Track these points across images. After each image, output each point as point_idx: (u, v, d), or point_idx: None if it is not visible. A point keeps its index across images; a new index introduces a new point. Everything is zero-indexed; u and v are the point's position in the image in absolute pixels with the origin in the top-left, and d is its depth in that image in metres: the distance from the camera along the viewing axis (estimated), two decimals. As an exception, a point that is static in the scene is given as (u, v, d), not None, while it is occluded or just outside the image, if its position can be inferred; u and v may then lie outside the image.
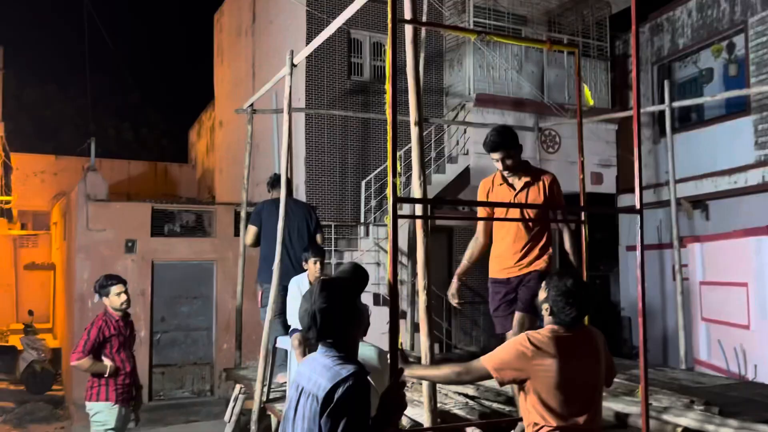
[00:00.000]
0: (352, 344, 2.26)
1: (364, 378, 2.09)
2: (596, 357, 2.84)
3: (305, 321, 2.17)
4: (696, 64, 12.20)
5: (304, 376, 2.20)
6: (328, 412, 2.02)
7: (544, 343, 2.75)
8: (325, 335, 2.17)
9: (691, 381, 5.47)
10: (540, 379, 2.71)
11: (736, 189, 10.52)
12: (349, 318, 2.20)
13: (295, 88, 10.98)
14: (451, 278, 4.39)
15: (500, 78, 11.32)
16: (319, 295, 2.17)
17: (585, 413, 2.75)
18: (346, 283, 2.26)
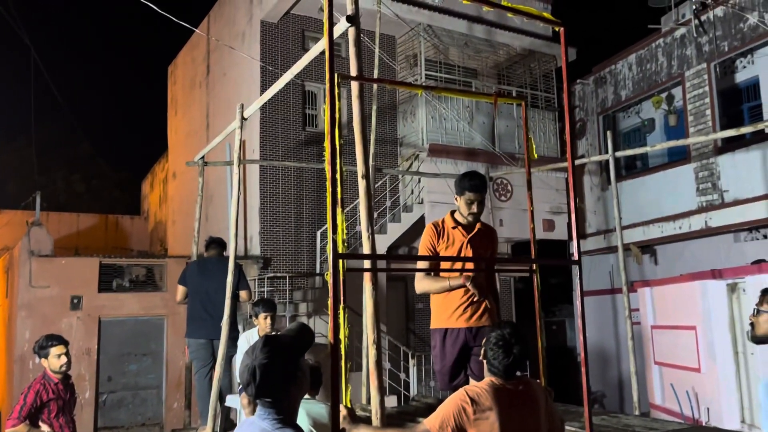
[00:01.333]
0: (292, 405, 2.18)
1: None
2: (536, 409, 2.85)
3: (245, 376, 2.09)
4: (638, 114, 12.75)
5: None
6: None
7: (481, 396, 2.75)
8: (264, 393, 2.09)
9: (644, 427, 5.48)
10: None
11: (681, 234, 10.88)
12: (289, 377, 2.13)
13: (250, 140, 11.03)
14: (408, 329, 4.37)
15: (452, 129, 11.57)
16: (261, 351, 2.09)
17: None
18: (289, 341, 2.19)
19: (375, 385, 3.29)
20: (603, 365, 12.15)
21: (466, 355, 3.92)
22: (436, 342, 4.00)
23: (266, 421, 2.09)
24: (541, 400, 2.91)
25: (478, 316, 3.88)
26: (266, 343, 2.12)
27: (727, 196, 10.06)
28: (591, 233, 12.87)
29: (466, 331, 3.88)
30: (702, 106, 10.59)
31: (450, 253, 3.92)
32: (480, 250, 3.94)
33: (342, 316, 2.97)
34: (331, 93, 2.30)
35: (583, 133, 13.40)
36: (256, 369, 2.06)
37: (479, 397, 2.77)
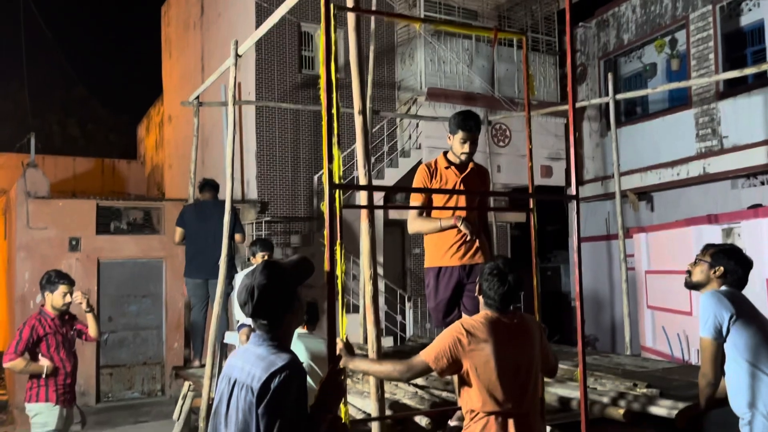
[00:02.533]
0: (286, 331, 2.21)
1: (299, 367, 2.07)
2: (530, 343, 2.90)
3: (242, 296, 2.13)
4: (640, 59, 12.54)
5: (237, 367, 2.14)
6: (265, 403, 1.97)
7: (477, 328, 2.80)
8: (260, 313, 2.12)
9: (635, 366, 5.61)
10: (475, 364, 2.75)
11: (678, 180, 10.87)
12: (286, 301, 2.16)
13: (245, 83, 10.86)
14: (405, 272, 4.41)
15: (451, 72, 11.39)
16: (261, 273, 2.13)
17: (521, 398, 2.80)
18: (289, 269, 2.22)
19: (371, 321, 3.34)
20: (596, 310, 12.34)
21: (459, 292, 3.97)
22: (430, 280, 4.05)
23: (262, 347, 2.12)
24: (536, 334, 2.96)
25: (471, 254, 3.92)
26: (267, 266, 2.16)
27: (727, 142, 10.01)
28: (588, 180, 12.85)
29: (460, 269, 3.93)
30: (705, 50, 10.41)
31: (443, 195, 3.94)
32: (473, 190, 3.94)
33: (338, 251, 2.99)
34: (327, 19, 2.24)
35: (584, 78, 13.21)
36: (254, 288, 2.10)
37: (474, 329, 2.82)
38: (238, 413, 2.03)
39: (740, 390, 3.07)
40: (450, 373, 2.85)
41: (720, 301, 3.14)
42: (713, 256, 3.31)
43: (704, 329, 3.15)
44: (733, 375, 3.11)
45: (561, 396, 4.22)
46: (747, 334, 3.09)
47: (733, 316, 3.10)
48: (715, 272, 3.29)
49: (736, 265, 3.26)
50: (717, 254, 3.31)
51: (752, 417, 3.02)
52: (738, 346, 3.09)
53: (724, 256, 3.29)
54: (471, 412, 2.82)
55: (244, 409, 2.01)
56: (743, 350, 3.07)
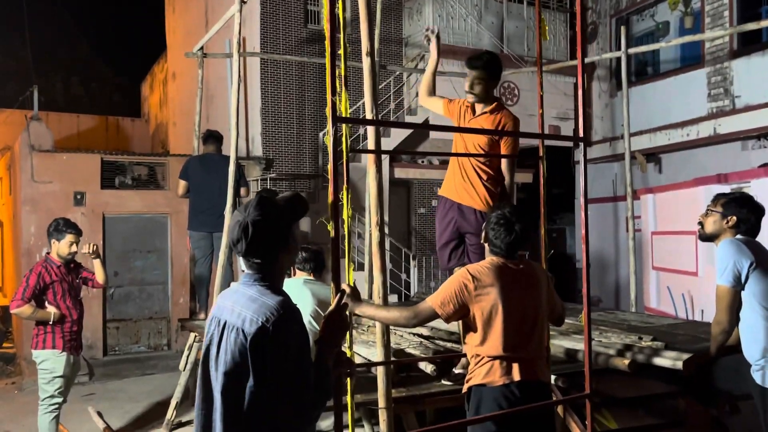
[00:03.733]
0: (279, 271, 2.10)
1: (293, 307, 1.98)
2: (537, 289, 2.87)
3: (235, 233, 2.02)
4: (653, 17, 12.25)
5: (227, 309, 2.03)
6: (257, 345, 1.88)
7: (483, 273, 2.77)
8: (253, 251, 2.01)
9: (639, 321, 5.62)
10: (481, 309, 2.73)
11: (688, 141, 10.73)
12: (281, 239, 2.05)
13: (250, 38, 10.68)
14: (410, 232, 4.37)
15: (460, 28, 11.17)
16: (255, 208, 2.02)
17: (526, 343, 2.79)
18: (284, 205, 2.10)
19: (378, 267, 3.30)
20: (601, 271, 12.34)
21: (462, 239, 3.92)
22: (440, 211, 4.02)
23: (253, 287, 2.02)
24: (543, 281, 2.93)
25: (475, 196, 3.84)
26: (260, 201, 2.04)
27: (739, 102, 9.84)
28: (596, 141, 12.71)
29: (458, 208, 3.88)
30: (720, 7, 10.15)
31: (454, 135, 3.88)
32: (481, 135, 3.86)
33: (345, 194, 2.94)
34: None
35: (595, 36, 12.94)
36: (248, 225, 1.98)
37: (481, 274, 2.79)
38: (227, 355, 1.94)
39: (756, 337, 3.06)
40: (456, 318, 2.83)
41: (740, 248, 3.11)
42: (725, 206, 3.27)
43: (722, 277, 3.13)
44: (750, 322, 3.10)
45: (567, 348, 4.23)
46: (766, 281, 3.06)
47: (752, 264, 3.07)
48: (728, 222, 3.25)
49: (748, 213, 3.22)
50: (728, 203, 3.27)
51: (766, 362, 3.01)
52: (757, 293, 3.08)
53: (735, 205, 3.25)
54: (476, 356, 2.82)
55: (233, 352, 1.92)
56: (762, 297, 3.06)
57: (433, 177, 11.39)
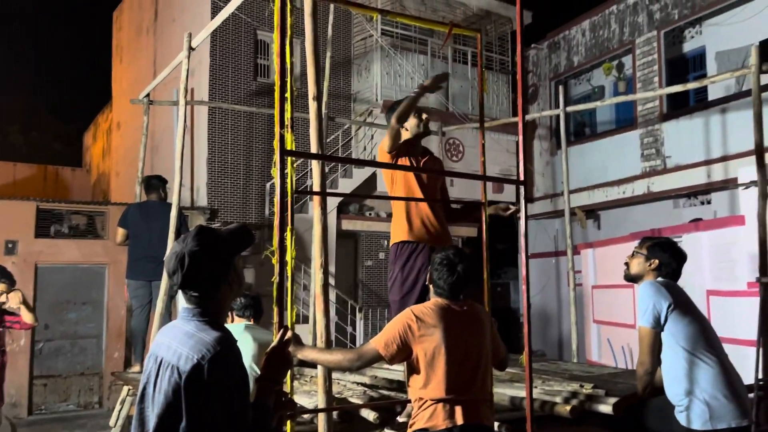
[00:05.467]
0: (220, 305, 1.98)
1: (230, 343, 1.88)
2: (480, 331, 2.87)
3: (171, 264, 1.89)
4: (589, 81, 12.94)
5: (163, 345, 1.91)
6: (191, 384, 1.77)
7: (427, 314, 2.77)
8: (190, 284, 1.88)
9: (581, 371, 5.67)
10: (424, 350, 2.71)
11: (624, 198, 11.19)
12: (221, 271, 1.93)
13: (199, 89, 10.69)
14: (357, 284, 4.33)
15: (407, 86, 11.49)
16: (193, 238, 1.90)
17: (469, 386, 2.76)
18: (225, 235, 2.00)
19: (321, 309, 3.26)
20: (544, 324, 12.50)
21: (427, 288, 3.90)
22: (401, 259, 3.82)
23: (191, 323, 1.90)
24: (486, 324, 2.94)
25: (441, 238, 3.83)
26: (199, 231, 1.94)
27: (669, 162, 10.38)
28: (538, 197, 13.10)
29: (430, 251, 3.82)
30: (650, 74, 10.82)
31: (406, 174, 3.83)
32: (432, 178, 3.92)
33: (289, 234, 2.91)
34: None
35: (535, 98, 13.53)
36: (185, 256, 1.87)
37: (425, 315, 2.78)
38: (160, 394, 1.82)
39: (677, 377, 3.12)
40: (400, 359, 2.80)
41: (658, 290, 3.20)
42: (649, 249, 3.39)
43: (643, 318, 3.20)
44: (671, 363, 3.16)
45: (512, 396, 4.22)
46: (684, 322, 3.15)
47: (671, 306, 3.15)
48: (651, 264, 3.36)
49: (670, 258, 3.34)
50: (653, 247, 3.39)
51: (689, 403, 3.07)
52: (675, 334, 3.14)
53: (659, 249, 3.37)
54: (419, 400, 2.78)
55: (167, 391, 1.80)
56: (681, 338, 3.13)
57: (380, 229, 11.45)
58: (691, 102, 10.71)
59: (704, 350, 3.11)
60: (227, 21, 9.96)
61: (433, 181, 3.93)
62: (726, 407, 3.02)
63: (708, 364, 3.08)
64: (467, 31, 4.81)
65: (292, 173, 3.15)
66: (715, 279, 7.09)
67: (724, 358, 3.18)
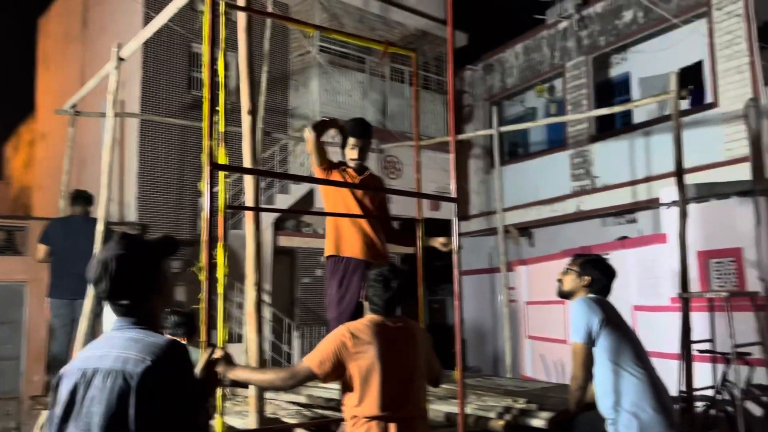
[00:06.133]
0: (154, 315, 1.88)
1: (181, 346, 1.80)
2: (415, 348, 2.87)
3: (96, 271, 1.77)
4: (522, 103, 13.33)
5: (93, 357, 1.79)
6: (144, 386, 1.67)
7: (361, 331, 2.75)
8: (118, 292, 1.78)
9: (515, 386, 5.75)
10: (359, 368, 2.69)
11: (555, 217, 11.52)
12: (149, 276, 1.84)
13: (130, 100, 10.36)
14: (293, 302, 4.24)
15: (345, 103, 11.51)
16: (116, 243, 1.80)
17: (403, 403, 2.75)
18: (151, 241, 1.92)
19: (253, 328, 3.18)
20: (480, 340, 12.66)
21: None
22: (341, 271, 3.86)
23: (132, 331, 1.78)
24: (421, 341, 2.94)
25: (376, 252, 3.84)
26: (122, 236, 1.84)
27: (598, 182, 10.77)
28: (474, 215, 13.32)
29: (364, 264, 3.83)
30: (579, 97, 11.24)
31: (342, 190, 3.85)
32: (370, 194, 3.93)
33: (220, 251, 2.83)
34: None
35: (471, 118, 13.81)
36: (109, 261, 1.76)
37: (359, 332, 2.76)
38: (100, 405, 1.69)
39: (607, 391, 3.20)
40: (334, 377, 2.76)
41: (590, 307, 3.28)
42: (581, 266, 3.48)
43: (575, 334, 3.27)
44: (601, 377, 3.24)
45: (447, 412, 4.23)
46: (614, 337, 3.24)
47: (602, 321, 3.23)
48: (583, 281, 3.44)
49: (601, 274, 3.43)
50: (585, 264, 3.48)
51: (618, 416, 3.15)
52: (607, 349, 3.22)
53: (590, 266, 3.46)
54: (353, 418, 2.74)
55: (110, 400, 1.68)
56: (611, 353, 3.22)
57: (318, 246, 11.33)
58: (617, 125, 11.17)
59: (633, 364, 3.20)
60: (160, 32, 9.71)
61: (371, 197, 3.93)
62: (654, 419, 3.10)
63: (636, 377, 3.17)
64: (403, 50, 4.86)
65: (225, 188, 3.08)
66: (640, 295, 7.36)
67: (652, 371, 3.28)
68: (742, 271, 6.36)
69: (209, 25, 2.22)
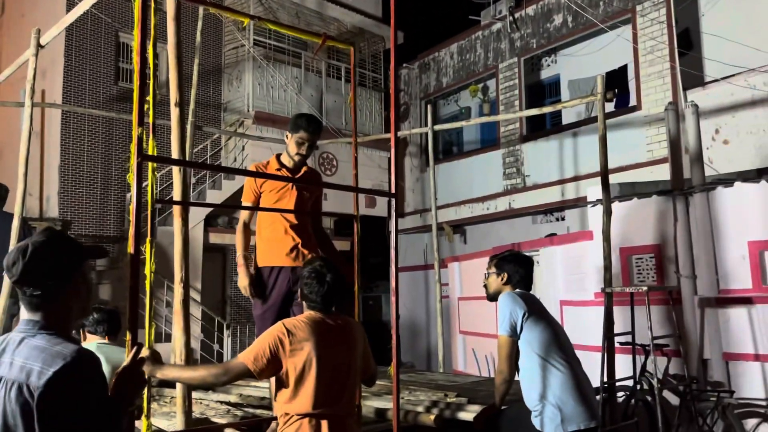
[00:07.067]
0: (65, 315, 1.79)
1: (89, 355, 1.71)
2: (352, 345, 2.87)
3: (11, 257, 1.70)
4: (457, 102, 13.53)
5: (3, 364, 1.70)
6: (47, 401, 1.59)
7: (298, 327, 2.73)
8: (31, 277, 1.70)
9: (446, 381, 5.84)
10: (294, 364, 2.66)
11: (488, 214, 11.76)
12: (67, 268, 1.76)
13: (51, 90, 9.90)
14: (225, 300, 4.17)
15: (279, 98, 11.37)
16: (40, 233, 1.75)
17: (337, 400, 2.74)
18: (78, 241, 1.89)
19: (180, 326, 3.10)
20: (413, 336, 12.78)
21: (289, 298, 3.84)
22: (263, 278, 3.86)
23: (38, 336, 1.69)
24: (359, 338, 2.94)
25: (303, 255, 3.82)
26: (47, 228, 1.80)
27: (528, 181, 11.06)
28: (409, 212, 13.44)
29: (291, 271, 3.81)
30: (512, 98, 11.50)
31: (274, 195, 3.82)
32: (304, 193, 3.89)
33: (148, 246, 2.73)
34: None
35: (407, 116, 13.91)
36: (28, 246, 1.71)
37: (296, 328, 2.73)
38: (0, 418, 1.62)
39: (532, 383, 3.28)
40: (269, 374, 2.71)
41: (515, 300, 3.36)
42: (497, 265, 3.58)
43: (501, 328, 3.35)
44: (527, 369, 3.32)
45: (377, 408, 4.24)
46: (538, 329, 3.32)
47: (526, 314, 3.32)
48: (502, 279, 3.53)
49: (516, 267, 3.51)
50: (499, 262, 3.59)
51: (542, 408, 3.23)
52: (530, 341, 3.31)
53: (504, 263, 3.56)
54: (285, 415, 2.71)
55: (13, 411, 1.60)
56: (535, 345, 3.30)
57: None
58: (547, 125, 11.50)
59: (556, 356, 3.29)
60: (85, 20, 9.35)
61: (307, 196, 3.91)
62: (575, 410, 3.19)
63: (559, 370, 3.25)
64: (341, 43, 4.84)
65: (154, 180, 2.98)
66: (567, 290, 7.59)
67: (574, 363, 3.37)
68: (661, 267, 6.66)
69: (140, 11, 2.13)
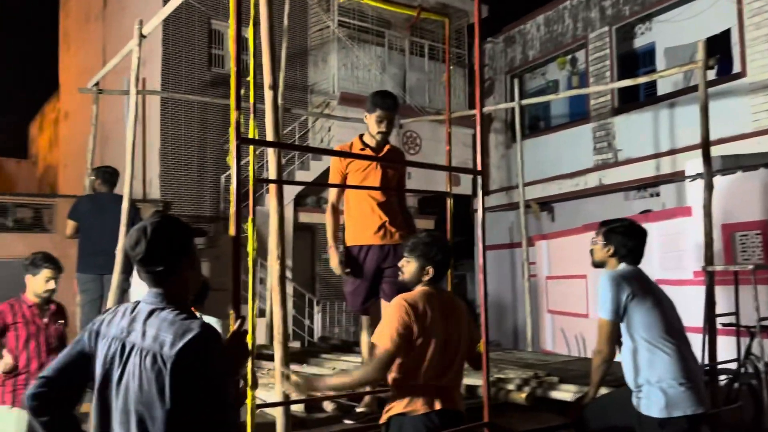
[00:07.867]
0: (185, 290, 1.96)
1: (213, 329, 1.86)
2: (461, 319, 2.94)
3: (134, 236, 1.88)
4: (544, 75, 13.14)
5: (133, 330, 1.87)
6: (179, 369, 1.76)
7: (418, 301, 2.81)
8: (154, 256, 1.87)
9: (535, 360, 5.79)
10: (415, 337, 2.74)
11: (577, 191, 11.42)
12: (184, 247, 1.95)
13: (151, 78, 10.43)
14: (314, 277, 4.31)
15: (364, 78, 11.45)
16: (153, 216, 1.94)
17: (447, 372, 2.83)
18: (183, 221, 2.05)
19: (277, 302, 3.22)
20: (500, 315, 12.68)
21: (379, 275, 3.93)
22: (354, 257, 3.95)
23: (165, 311, 1.86)
24: (465, 316, 2.99)
25: (391, 234, 3.89)
26: (158, 212, 2.00)
27: (621, 155, 10.63)
28: (494, 189, 13.26)
29: (379, 249, 3.89)
30: (603, 69, 11.05)
31: (360, 174, 3.90)
32: (389, 171, 3.94)
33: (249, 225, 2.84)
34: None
35: (491, 92, 13.67)
36: (147, 226, 1.87)
37: (416, 302, 2.82)
38: (136, 382, 1.79)
39: (636, 366, 3.15)
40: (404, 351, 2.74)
41: (617, 281, 3.19)
42: (605, 236, 3.35)
43: (602, 310, 3.21)
44: (629, 352, 3.19)
45: (468, 384, 4.27)
46: (643, 310, 3.16)
47: (630, 295, 3.16)
48: (608, 251, 3.33)
49: (624, 239, 3.29)
50: (607, 233, 3.35)
51: (647, 391, 3.10)
52: (634, 323, 3.16)
53: (612, 234, 3.32)
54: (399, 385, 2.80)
55: (147, 379, 1.77)
56: (639, 327, 3.15)
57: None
58: (641, 97, 10.98)
59: (662, 338, 3.11)
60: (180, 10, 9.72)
61: (391, 173, 3.95)
62: (682, 395, 3.03)
63: (665, 352, 3.09)
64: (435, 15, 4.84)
65: (254, 161, 3.10)
66: (663, 268, 7.30)
67: (683, 344, 3.19)
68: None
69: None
